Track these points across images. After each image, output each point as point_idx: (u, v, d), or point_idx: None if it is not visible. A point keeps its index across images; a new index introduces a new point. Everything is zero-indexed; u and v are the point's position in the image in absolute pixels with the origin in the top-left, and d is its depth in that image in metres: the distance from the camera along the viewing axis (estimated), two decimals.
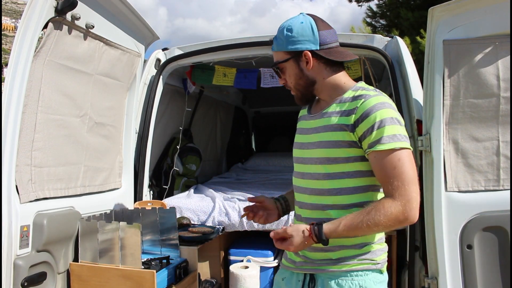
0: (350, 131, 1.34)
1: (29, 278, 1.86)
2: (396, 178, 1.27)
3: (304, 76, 1.44)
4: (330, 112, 1.41)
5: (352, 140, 1.34)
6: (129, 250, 2.11)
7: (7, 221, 1.80)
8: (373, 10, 10.28)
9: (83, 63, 2.21)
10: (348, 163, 1.36)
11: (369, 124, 1.30)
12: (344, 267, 1.37)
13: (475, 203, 2.11)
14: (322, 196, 1.40)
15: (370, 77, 3.07)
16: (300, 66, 1.43)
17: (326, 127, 1.39)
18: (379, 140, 1.29)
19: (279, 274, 1.59)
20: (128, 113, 2.69)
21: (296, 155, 1.52)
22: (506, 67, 2.05)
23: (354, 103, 1.36)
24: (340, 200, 1.37)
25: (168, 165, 3.75)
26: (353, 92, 1.40)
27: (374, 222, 1.25)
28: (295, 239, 1.30)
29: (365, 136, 1.31)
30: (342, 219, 1.29)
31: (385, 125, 1.29)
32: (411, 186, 1.27)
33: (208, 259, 2.89)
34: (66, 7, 1.95)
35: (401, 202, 1.26)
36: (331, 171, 1.37)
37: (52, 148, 2.09)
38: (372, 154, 1.31)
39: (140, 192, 2.83)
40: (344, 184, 1.37)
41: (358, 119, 1.32)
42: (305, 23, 1.40)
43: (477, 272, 2.07)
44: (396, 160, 1.28)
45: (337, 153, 1.36)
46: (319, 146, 1.40)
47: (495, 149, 2.11)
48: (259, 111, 6.15)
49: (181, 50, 3.09)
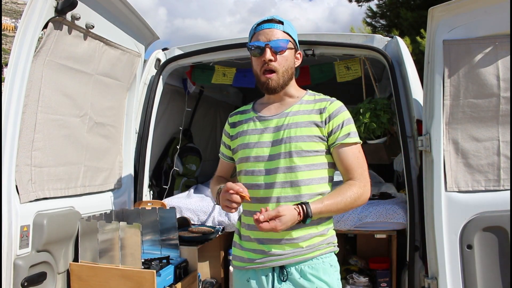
0: (322, 126, 1.52)
1: (29, 278, 1.86)
2: (360, 166, 1.52)
3: (292, 69, 1.60)
4: (295, 111, 1.56)
5: (322, 134, 1.52)
6: (129, 250, 2.11)
7: (7, 221, 1.80)
8: (373, 10, 10.29)
9: (83, 63, 2.22)
10: (317, 156, 1.52)
11: (339, 121, 1.52)
12: (315, 253, 1.50)
13: (475, 203, 2.11)
14: (296, 187, 1.49)
15: (370, 77, 3.07)
16: (294, 60, 1.60)
17: (298, 123, 1.53)
18: (348, 134, 1.52)
19: (240, 276, 1.59)
20: (128, 113, 2.69)
21: (256, 154, 1.55)
22: (506, 67, 2.05)
23: (320, 104, 1.56)
24: (312, 189, 1.50)
25: (168, 165, 3.75)
26: (312, 96, 1.61)
27: (350, 200, 1.46)
28: (286, 218, 1.37)
29: (334, 131, 1.52)
30: (324, 199, 1.45)
31: (350, 123, 1.55)
32: (367, 172, 1.55)
33: (208, 259, 2.90)
34: (66, 7, 1.95)
35: (364, 184, 1.51)
36: (304, 163, 1.50)
37: (52, 148, 2.09)
38: (340, 145, 1.51)
39: (140, 192, 2.82)
40: (314, 175, 1.51)
41: (329, 117, 1.53)
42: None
43: (477, 272, 2.07)
44: (358, 151, 1.54)
45: (310, 146, 1.50)
46: (291, 140, 1.50)
47: (495, 149, 2.11)
48: None
49: (181, 50, 3.09)
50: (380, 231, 2.57)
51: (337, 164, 1.56)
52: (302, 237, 1.49)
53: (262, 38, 1.53)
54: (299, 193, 1.49)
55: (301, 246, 1.49)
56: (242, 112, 1.70)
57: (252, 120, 1.62)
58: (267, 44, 1.52)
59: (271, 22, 1.55)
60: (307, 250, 1.50)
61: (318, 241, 1.52)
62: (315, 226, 1.51)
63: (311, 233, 1.50)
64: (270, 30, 1.54)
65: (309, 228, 1.50)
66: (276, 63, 1.53)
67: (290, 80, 1.59)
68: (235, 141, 1.64)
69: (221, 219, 2.84)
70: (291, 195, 1.49)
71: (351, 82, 3.13)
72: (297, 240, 1.49)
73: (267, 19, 1.56)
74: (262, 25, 1.56)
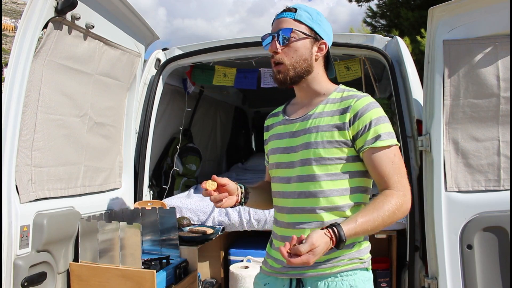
0: (345, 130, 1.34)
1: (29, 278, 1.86)
2: (395, 173, 1.32)
3: (309, 61, 1.41)
4: (318, 113, 1.40)
5: (345, 139, 1.34)
6: (129, 250, 2.11)
7: (7, 221, 1.80)
8: (373, 10, 10.29)
9: (83, 63, 2.21)
10: (341, 164, 1.35)
11: (365, 121, 1.33)
12: (334, 269, 1.34)
13: (475, 203, 2.11)
14: (313, 198, 1.36)
15: (370, 77, 3.07)
16: (312, 50, 1.41)
17: (319, 127, 1.37)
18: (378, 137, 1.32)
19: (260, 278, 1.53)
20: (128, 113, 2.69)
21: (278, 160, 1.46)
22: (506, 67, 2.05)
23: (345, 102, 1.38)
24: (333, 201, 1.35)
25: (168, 165, 3.75)
26: (339, 93, 1.42)
27: (388, 214, 1.26)
28: (319, 249, 1.18)
29: (360, 133, 1.33)
30: (357, 217, 1.25)
31: (381, 123, 1.33)
32: (406, 179, 1.35)
33: (208, 259, 2.90)
34: (66, 7, 1.95)
35: (403, 193, 1.30)
36: (324, 172, 1.35)
37: (52, 148, 2.09)
38: (370, 150, 1.32)
39: (140, 192, 2.82)
40: (336, 185, 1.35)
41: (353, 117, 1.34)
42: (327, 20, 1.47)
43: (477, 272, 2.07)
44: (393, 155, 1.33)
45: (330, 152, 1.34)
46: (310, 146, 1.36)
47: (495, 149, 2.11)
48: (259, 111, 6.15)
49: (181, 50, 3.09)
50: (380, 231, 2.57)
51: (370, 171, 1.36)
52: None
53: (272, 30, 1.43)
54: (317, 205, 1.35)
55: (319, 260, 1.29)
56: (275, 115, 1.59)
57: (280, 124, 1.51)
58: (273, 35, 1.40)
59: (284, 11, 1.43)
60: (325, 265, 1.34)
61: (339, 255, 1.34)
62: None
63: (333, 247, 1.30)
64: (280, 20, 1.41)
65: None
66: (282, 55, 1.39)
67: (309, 73, 1.42)
68: (267, 146, 1.56)
69: (221, 219, 2.84)
70: (308, 207, 1.36)
71: (351, 82, 3.13)
72: None
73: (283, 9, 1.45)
74: (276, 16, 1.45)
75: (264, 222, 2.74)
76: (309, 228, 1.36)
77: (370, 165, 1.34)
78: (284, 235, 1.42)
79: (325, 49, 1.43)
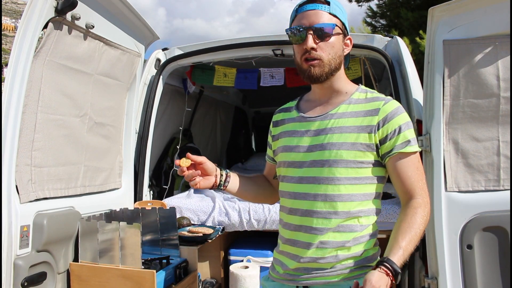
0: (372, 132, 1.29)
1: (29, 278, 1.86)
2: (420, 179, 1.31)
3: (341, 57, 1.37)
4: (341, 113, 1.34)
5: (371, 142, 1.29)
6: (129, 250, 2.11)
7: (7, 221, 1.80)
8: (373, 10, 10.28)
9: (83, 63, 2.21)
10: (362, 168, 1.30)
11: (394, 126, 1.29)
12: (341, 276, 1.31)
13: (475, 203, 2.11)
14: (330, 202, 1.30)
15: (370, 77, 3.07)
16: (343, 46, 1.38)
17: (342, 128, 1.31)
18: (408, 142, 1.29)
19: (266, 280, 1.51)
20: (128, 113, 2.69)
21: (291, 159, 1.38)
22: (506, 67, 2.05)
23: (372, 104, 1.33)
24: (350, 206, 1.30)
25: (168, 165, 3.75)
26: (363, 94, 1.37)
27: (422, 228, 1.24)
28: None
29: (389, 137, 1.29)
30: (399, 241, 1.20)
31: (409, 128, 1.31)
32: (426, 184, 1.34)
33: (208, 259, 2.90)
34: (66, 7, 1.95)
35: (427, 200, 1.30)
36: (344, 175, 1.29)
37: (52, 148, 2.09)
38: (398, 155, 1.29)
39: (140, 192, 2.83)
40: (355, 190, 1.30)
41: (382, 120, 1.30)
42: None
43: (477, 272, 2.07)
44: (417, 161, 1.32)
45: (354, 155, 1.29)
46: (331, 147, 1.30)
47: (495, 149, 2.11)
48: (259, 111, 6.15)
49: (181, 50, 3.09)
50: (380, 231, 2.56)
51: (393, 177, 1.31)
52: (329, 258, 1.31)
53: (304, 22, 1.31)
54: (334, 209, 1.30)
55: (324, 267, 1.31)
56: (286, 110, 1.50)
57: (294, 121, 1.43)
58: (309, 29, 1.30)
59: (315, 2, 1.33)
60: (331, 273, 1.31)
61: (346, 262, 1.31)
62: (347, 248, 1.31)
63: (340, 255, 1.31)
64: (314, 12, 1.31)
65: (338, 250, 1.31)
66: (320, 52, 1.31)
67: (338, 70, 1.37)
68: (276, 142, 1.47)
69: (221, 219, 2.84)
70: (324, 210, 1.30)
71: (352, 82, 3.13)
72: (322, 261, 1.31)
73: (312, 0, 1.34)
74: (304, 6, 1.34)
75: (264, 222, 2.74)
76: (320, 234, 1.31)
77: (396, 170, 1.30)
78: (294, 239, 1.37)
79: (350, 44, 1.40)
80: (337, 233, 1.31)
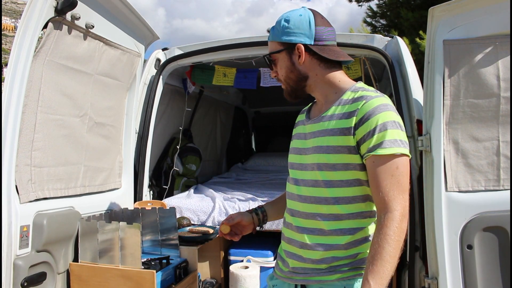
0: (350, 135, 1.26)
1: (29, 278, 1.86)
2: (393, 188, 1.21)
3: (295, 70, 1.38)
4: (329, 116, 1.34)
5: (351, 145, 1.26)
6: (129, 250, 2.11)
7: (7, 221, 1.80)
8: (373, 10, 10.28)
9: (83, 63, 2.21)
10: (348, 171, 1.28)
11: (370, 126, 1.23)
12: (336, 276, 1.32)
13: (475, 203, 2.11)
14: (317, 204, 1.32)
15: (370, 77, 3.07)
16: (292, 59, 1.37)
17: (325, 131, 1.32)
18: (380, 144, 1.22)
19: (270, 279, 1.55)
20: (128, 113, 2.69)
21: (292, 161, 1.46)
22: (506, 67, 2.05)
23: (354, 104, 1.29)
24: (336, 209, 1.31)
25: (168, 165, 3.75)
26: (353, 94, 1.33)
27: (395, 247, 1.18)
28: None
29: (364, 139, 1.24)
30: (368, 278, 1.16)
31: (387, 129, 1.22)
32: (405, 195, 1.23)
33: (208, 259, 2.89)
34: (66, 7, 1.95)
35: (400, 212, 1.20)
36: (329, 178, 1.30)
37: (52, 148, 2.08)
38: (371, 158, 1.23)
39: (140, 192, 2.82)
40: (342, 193, 1.30)
41: (359, 121, 1.25)
42: (303, 16, 1.36)
43: (477, 272, 2.07)
44: (395, 168, 1.22)
45: (336, 159, 1.28)
46: (317, 151, 1.32)
47: (495, 149, 2.11)
48: (259, 111, 6.15)
49: (181, 50, 3.09)
50: None
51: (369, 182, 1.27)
52: (325, 259, 1.32)
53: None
54: (321, 212, 1.32)
55: (321, 267, 1.33)
56: (302, 112, 1.56)
57: (302, 124, 1.48)
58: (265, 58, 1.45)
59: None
60: (327, 273, 1.32)
61: (342, 263, 1.32)
62: (344, 250, 1.31)
63: (336, 257, 1.32)
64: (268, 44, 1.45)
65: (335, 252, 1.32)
66: (279, 75, 1.44)
67: (303, 80, 1.39)
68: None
69: (221, 219, 2.83)
70: (310, 213, 1.34)
71: None
72: (320, 262, 1.33)
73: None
74: None
75: None
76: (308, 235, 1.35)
77: (370, 175, 1.25)
78: (291, 238, 1.42)
79: (303, 51, 1.36)
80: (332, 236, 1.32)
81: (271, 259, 2.82)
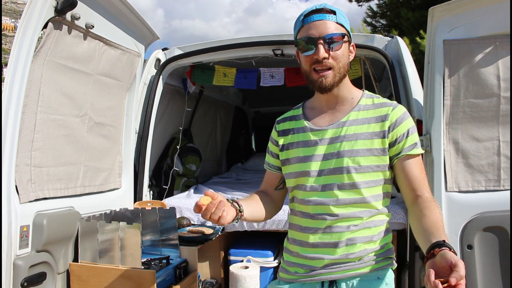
0: (384, 137, 1.36)
1: (28, 278, 1.86)
2: (425, 179, 1.38)
3: (348, 64, 1.40)
4: (352, 121, 1.39)
5: (384, 146, 1.36)
6: (129, 250, 2.11)
7: (7, 221, 1.80)
8: (373, 10, 10.29)
9: (83, 63, 2.21)
10: (378, 171, 1.37)
11: (404, 129, 1.36)
12: (368, 268, 1.38)
13: (475, 203, 2.11)
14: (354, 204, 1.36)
15: (370, 77, 3.07)
16: (348, 51, 1.41)
17: (357, 135, 1.37)
18: (415, 144, 1.37)
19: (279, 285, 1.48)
20: (128, 113, 2.69)
21: (308, 168, 1.40)
22: (506, 67, 2.05)
23: (381, 110, 1.39)
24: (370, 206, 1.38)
25: (168, 165, 3.75)
26: (369, 100, 1.43)
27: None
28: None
29: (398, 140, 1.36)
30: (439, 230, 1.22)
31: (414, 132, 1.38)
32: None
33: (208, 259, 2.89)
34: (66, 7, 1.95)
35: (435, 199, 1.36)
36: (364, 179, 1.36)
37: (52, 148, 2.08)
38: (406, 157, 1.36)
39: (140, 192, 2.82)
40: (373, 192, 1.38)
41: (392, 125, 1.36)
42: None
43: (477, 272, 2.07)
44: (421, 162, 1.40)
45: (369, 160, 1.35)
46: (349, 154, 1.35)
47: (495, 149, 2.11)
48: (259, 111, 6.15)
49: (181, 50, 3.09)
50: None
51: (399, 177, 1.38)
52: (357, 252, 1.37)
53: (313, 33, 1.33)
54: (358, 209, 1.37)
55: (353, 260, 1.37)
56: (292, 119, 1.52)
57: (305, 130, 1.45)
58: (320, 39, 1.32)
59: (321, 12, 1.34)
60: (360, 264, 1.37)
61: (373, 254, 1.38)
62: (374, 242, 1.39)
63: (367, 249, 1.38)
64: (321, 23, 1.33)
65: (367, 244, 1.38)
66: (331, 60, 1.34)
67: (345, 77, 1.41)
68: (285, 152, 1.48)
69: None
70: (348, 212, 1.36)
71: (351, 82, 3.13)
72: (352, 255, 1.37)
73: (316, 9, 1.35)
74: (311, 17, 1.35)
75: (264, 222, 2.74)
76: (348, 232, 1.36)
77: (404, 170, 1.36)
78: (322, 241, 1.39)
79: (354, 50, 1.43)
80: (364, 230, 1.38)
81: (271, 259, 2.81)
